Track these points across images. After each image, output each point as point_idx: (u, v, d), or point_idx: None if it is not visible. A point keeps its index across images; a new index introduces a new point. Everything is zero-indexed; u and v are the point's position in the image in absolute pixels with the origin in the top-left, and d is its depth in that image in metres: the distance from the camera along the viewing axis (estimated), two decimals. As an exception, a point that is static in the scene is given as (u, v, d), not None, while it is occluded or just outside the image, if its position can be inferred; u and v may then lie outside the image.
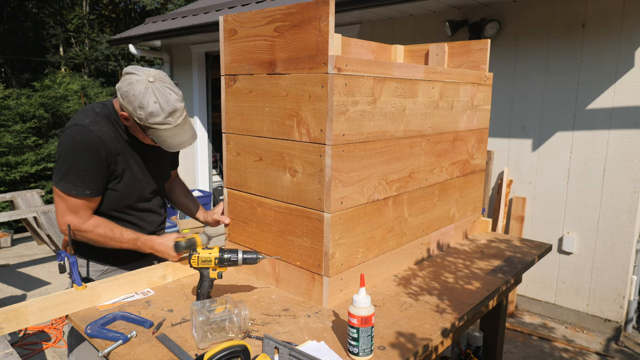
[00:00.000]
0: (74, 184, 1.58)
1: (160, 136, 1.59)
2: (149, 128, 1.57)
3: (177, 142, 1.62)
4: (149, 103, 1.53)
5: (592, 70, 3.49)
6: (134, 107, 1.54)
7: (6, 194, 5.25)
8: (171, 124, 1.57)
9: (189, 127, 1.64)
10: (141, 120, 1.56)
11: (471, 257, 2.06)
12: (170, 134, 1.59)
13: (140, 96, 1.53)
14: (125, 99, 1.55)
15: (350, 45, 2.16)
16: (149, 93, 1.53)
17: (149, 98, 1.53)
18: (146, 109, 1.53)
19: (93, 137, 1.58)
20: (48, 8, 19.30)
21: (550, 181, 3.78)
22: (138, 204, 1.78)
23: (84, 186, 1.60)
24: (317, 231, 1.51)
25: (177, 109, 1.57)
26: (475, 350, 2.34)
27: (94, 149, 1.58)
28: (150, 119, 1.55)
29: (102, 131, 1.61)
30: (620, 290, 3.52)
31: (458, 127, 2.12)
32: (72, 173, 1.58)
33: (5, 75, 17.49)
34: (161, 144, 1.62)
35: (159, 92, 1.55)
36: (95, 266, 1.78)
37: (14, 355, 1.41)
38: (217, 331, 1.29)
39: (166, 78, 1.61)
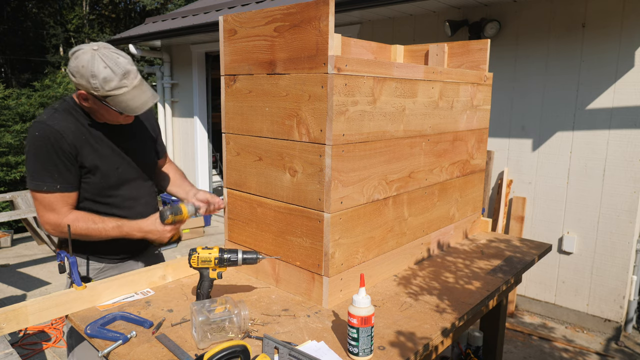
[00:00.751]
0: (43, 180, 1.59)
1: (121, 102, 1.57)
2: (107, 97, 1.55)
3: (140, 103, 1.60)
4: (99, 69, 1.51)
5: (592, 70, 3.49)
6: (87, 79, 1.52)
7: (6, 194, 5.25)
8: (128, 87, 1.56)
9: (147, 88, 1.63)
10: (97, 90, 1.54)
11: (471, 257, 2.06)
12: (130, 96, 1.58)
13: (89, 65, 1.51)
14: (77, 74, 1.54)
15: (350, 45, 2.16)
16: (97, 60, 1.52)
17: (98, 64, 1.52)
18: (99, 76, 1.52)
19: (51, 130, 1.58)
20: (48, 8, 19.30)
21: (550, 181, 3.78)
22: (122, 192, 1.75)
23: (53, 181, 1.59)
24: (317, 231, 1.51)
25: (129, 70, 1.56)
26: (475, 350, 2.34)
27: (54, 142, 1.58)
28: (105, 86, 1.53)
29: (61, 125, 1.61)
30: (620, 290, 3.52)
31: (458, 127, 2.12)
32: (39, 170, 1.59)
33: (5, 75, 17.49)
34: (125, 109, 1.59)
35: (107, 57, 1.54)
36: (93, 264, 1.78)
37: (14, 355, 1.41)
38: (217, 331, 1.29)
39: (111, 46, 1.60)
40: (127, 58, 1.59)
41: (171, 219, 1.68)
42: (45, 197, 1.61)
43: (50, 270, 4.89)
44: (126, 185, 1.76)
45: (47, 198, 1.61)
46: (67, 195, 1.64)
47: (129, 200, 1.77)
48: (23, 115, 7.12)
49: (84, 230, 1.64)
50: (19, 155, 6.76)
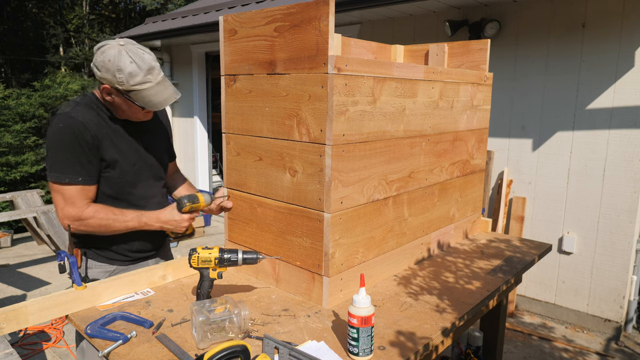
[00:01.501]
0: (64, 172, 1.59)
1: (144, 97, 1.60)
2: (131, 91, 1.58)
3: (163, 99, 1.64)
4: (125, 64, 1.55)
5: (592, 70, 3.49)
6: (113, 73, 1.55)
7: (6, 194, 5.25)
8: (152, 82, 1.59)
9: (169, 84, 1.66)
10: (122, 84, 1.56)
11: (471, 257, 2.06)
12: (154, 92, 1.61)
13: (115, 60, 1.54)
14: (103, 68, 1.56)
15: (350, 45, 2.16)
16: (123, 55, 1.55)
17: (125, 59, 1.55)
18: (124, 70, 1.55)
19: (75, 122, 1.60)
20: (48, 8, 19.29)
21: (550, 181, 3.78)
22: (137, 190, 1.77)
23: (75, 173, 1.60)
24: (317, 231, 1.51)
25: (153, 66, 1.60)
26: (475, 350, 2.34)
27: (78, 133, 1.60)
28: (130, 80, 1.56)
29: (85, 117, 1.63)
30: (620, 290, 3.52)
31: (458, 127, 2.12)
32: (61, 161, 1.59)
33: (5, 75, 17.49)
34: (147, 104, 1.62)
35: (133, 53, 1.57)
36: (104, 267, 1.77)
37: (14, 355, 1.41)
38: (217, 331, 1.29)
39: (136, 42, 1.63)
40: (152, 54, 1.62)
41: (189, 207, 1.70)
42: (66, 190, 1.60)
43: (50, 270, 4.89)
44: (141, 184, 1.78)
45: (68, 191, 1.60)
46: (88, 189, 1.64)
47: (142, 199, 1.79)
48: (23, 115, 7.12)
49: (104, 221, 1.64)
50: (18, 155, 6.76)
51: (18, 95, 7.53)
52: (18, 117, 7.05)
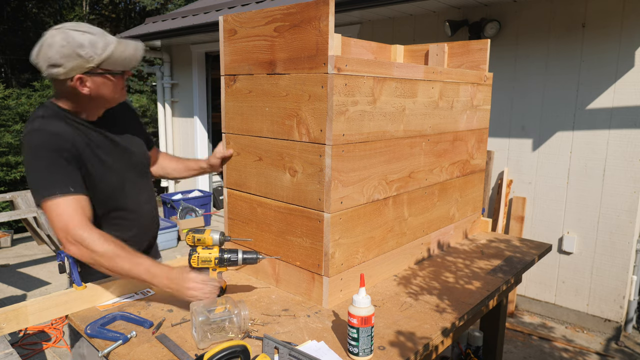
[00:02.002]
0: (52, 185, 1.43)
1: (117, 58, 1.48)
2: (104, 61, 1.46)
3: (132, 49, 1.53)
4: (80, 39, 1.42)
5: (592, 70, 3.49)
6: (76, 54, 1.41)
7: (6, 194, 5.25)
8: (112, 42, 1.48)
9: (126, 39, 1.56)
10: (92, 59, 1.43)
11: (471, 257, 2.06)
12: (122, 47, 1.49)
13: (69, 42, 1.41)
14: (62, 59, 1.41)
15: (350, 45, 2.16)
16: (71, 33, 1.42)
17: (75, 35, 1.42)
18: (84, 45, 1.42)
19: (49, 134, 1.47)
20: (48, 8, 19.29)
21: (550, 181, 3.78)
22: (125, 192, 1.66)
23: (64, 184, 1.44)
24: (317, 231, 1.51)
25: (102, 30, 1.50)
26: (475, 350, 2.34)
27: (54, 145, 1.46)
28: (97, 50, 1.43)
29: (56, 128, 1.49)
30: (620, 290, 3.52)
31: (458, 127, 2.12)
32: (45, 177, 1.44)
33: (5, 75, 17.49)
34: (123, 63, 1.51)
35: (75, 26, 1.45)
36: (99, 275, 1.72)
37: (14, 355, 1.41)
38: (217, 331, 1.29)
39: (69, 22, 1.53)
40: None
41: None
42: (60, 204, 1.42)
43: (50, 270, 4.89)
44: (127, 184, 1.69)
45: (61, 205, 1.42)
46: (82, 199, 1.47)
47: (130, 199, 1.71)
48: (23, 115, 7.12)
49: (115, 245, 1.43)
50: (18, 155, 6.75)
51: (18, 95, 7.53)
52: (18, 117, 7.05)
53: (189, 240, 1.55)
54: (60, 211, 1.42)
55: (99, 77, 1.50)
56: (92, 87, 1.50)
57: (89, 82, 1.49)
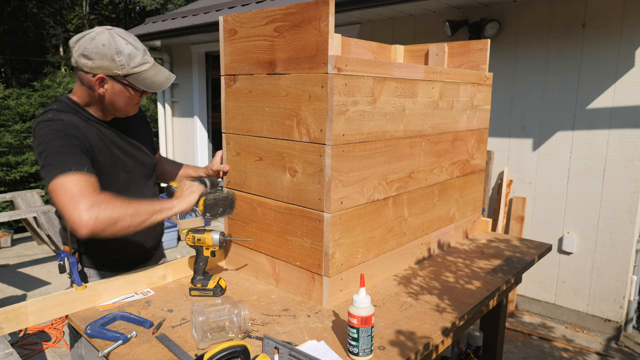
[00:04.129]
0: (67, 163, 1.40)
1: (146, 78, 1.54)
2: (131, 75, 1.51)
3: (164, 78, 1.58)
4: (122, 46, 1.47)
5: (592, 70, 3.49)
6: (111, 57, 1.46)
7: (6, 194, 5.26)
8: (149, 62, 1.54)
9: (162, 67, 1.62)
10: (123, 68, 1.48)
11: (471, 257, 2.06)
12: (154, 72, 1.55)
13: (111, 43, 1.46)
14: (97, 55, 1.45)
15: (350, 45, 2.16)
16: (117, 38, 1.48)
17: (120, 42, 1.48)
18: (124, 52, 1.47)
19: (62, 123, 1.48)
20: (48, 8, 19.29)
21: (550, 181, 3.78)
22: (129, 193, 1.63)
23: (79, 163, 1.42)
24: (317, 231, 1.51)
25: (145, 48, 1.56)
26: (475, 350, 2.34)
27: (67, 132, 1.47)
28: (131, 62, 1.49)
29: (68, 118, 1.52)
30: (620, 290, 3.52)
31: (458, 127, 2.12)
32: (60, 156, 1.42)
33: (5, 75, 17.48)
34: (150, 86, 1.55)
35: (125, 35, 1.51)
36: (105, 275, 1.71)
37: (14, 355, 1.41)
38: (217, 331, 1.29)
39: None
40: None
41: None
42: (74, 181, 1.37)
43: (50, 270, 4.89)
44: (133, 185, 1.70)
45: (76, 181, 1.37)
46: (95, 181, 1.44)
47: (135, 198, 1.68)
48: (23, 115, 7.12)
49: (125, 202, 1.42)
50: (18, 155, 6.76)
51: (18, 95, 7.53)
52: (18, 117, 7.05)
53: (189, 241, 1.62)
54: (73, 185, 1.37)
55: (120, 86, 1.54)
56: (109, 90, 1.54)
57: (107, 85, 1.52)
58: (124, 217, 1.40)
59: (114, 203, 1.40)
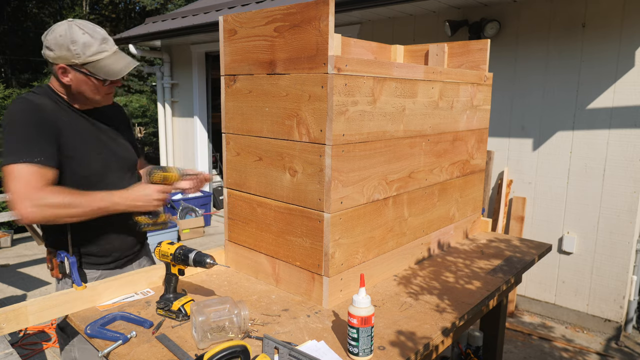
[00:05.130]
0: (20, 151, 1.45)
1: (103, 66, 1.57)
2: (89, 63, 1.55)
3: (122, 66, 1.60)
4: (78, 36, 1.52)
5: (592, 70, 3.49)
6: (67, 47, 1.51)
7: (6, 194, 5.24)
8: (108, 51, 1.57)
9: (125, 55, 1.64)
10: (78, 56, 1.53)
11: (471, 257, 2.06)
12: (111, 60, 1.58)
13: (67, 34, 1.52)
14: (55, 45, 1.52)
15: (350, 45, 2.16)
16: (74, 28, 1.53)
17: (76, 32, 1.53)
18: (78, 42, 1.52)
19: (31, 104, 1.54)
20: (48, 8, 19.29)
21: (550, 181, 3.78)
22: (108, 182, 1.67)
23: (32, 154, 1.46)
24: (317, 231, 1.51)
25: (106, 37, 1.58)
26: (475, 350, 2.34)
27: (34, 114, 1.52)
28: (86, 51, 1.53)
29: (42, 101, 1.57)
30: (620, 290, 3.52)
31: (458, 127, 2.12)
32: (17, 143, 1.47)
33: (5, 75, 17.48)
34: (108, 73, 1.58)
35: (83, 26, 1.55)
36: (90, 274, 1.71)
37: (14, 355, 1.41)
38: (217, 331, 1.29)
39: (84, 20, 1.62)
40: (104, 30, 1.61)
41: (159, 176, 1.65)
42: (21, 170, 1.44)
43: (50, 270, 4.88)
44: (111, 174, 1.69)
45: (23, 171, 1.44)
46: (47, 172, 1.49)
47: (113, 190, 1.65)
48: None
49: (67, 198, 1.47)
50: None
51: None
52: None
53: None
54: (21, 176, 1.44)
55: (81, 75, 1.58)
56: (72, 80, 1.59)
57: (70, 74, 1.58)
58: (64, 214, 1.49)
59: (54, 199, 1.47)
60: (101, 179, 1.65)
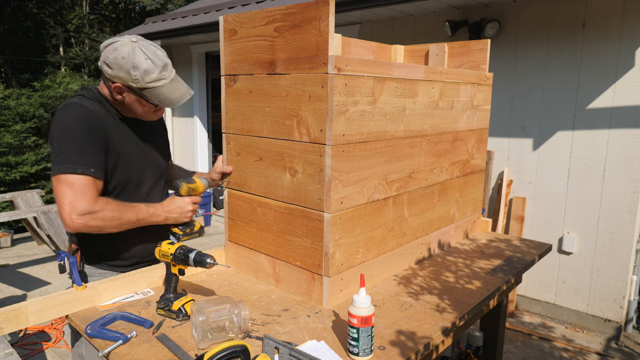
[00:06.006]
0: (76, 162, 1.48)
1: (160, 94, 1.58)
2: (146, 89, 1.56)
3: (179, 95, 1.62)
4: (140, 61, 1.53)
5: (592, 70, 3.49)
6: (127, 70, 1.52)
7: (6, 194, 5.26)
8: (167, 79, 1.58)
9: (182, 81, 1.66)
10: (137, 82, 1.54)
11: (471, 257, 2.06)
12: (169, 88, 1.59)
13: (129, 57, 1.52)
14: (115, 65, 1.53)
15: (350, 45, 2.16)
16: (137, 52, 1.53)
17: (139, 56, 1.53)
18: (140, 68, 1.53)
19: (85, 110, 1.56)
20: (48, 8, 19.29)
21: (550, 181, 3.78)
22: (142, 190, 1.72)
23: (88, 163, 1.50)
24: (317, 231, 1.51)
25: (167, 63, 1.59)
26: (475, 350, 2.34)
27: (88, 121, 1.54)
28: (146, 78, 1.54)
29: (93, 106, 1.59)
30: (620, 290, 3.52)
31: (458, 127, 2.12)
32: (72, 151, 1.50)
33: (5, 75, 17.48)
34: (163, 102, 1.61)
35: (147, 49, 1.55)
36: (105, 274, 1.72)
37: (14, 355, 1.41)
38: (217, 331, 1.29)
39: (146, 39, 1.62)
40: (163, 51, 1.61)
41: (185, 187, 1.66)
42: (77, 181, 1.46)
43: (50, 270, 4.89)
44: (145, 183, 1.74)
45: (79, 182, 1.47)
46: (98, 183, 1.54)
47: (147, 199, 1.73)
48: (23, 115, 7.12)
49: (116, 212, 1.53)
50: (18, 155, 6.76)
51: (18, 95, 7.53)
52: (18, 117, 7.06)
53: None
54: (77, 187, 1.47)
55: (135, 96, 1.60)
56: (126, 99, 1.62)
57: (125, 94, 1.60)
58: (110, 226, 1.55)
59: (105, 212, 1.51)
60: (137, 184, 1.69)
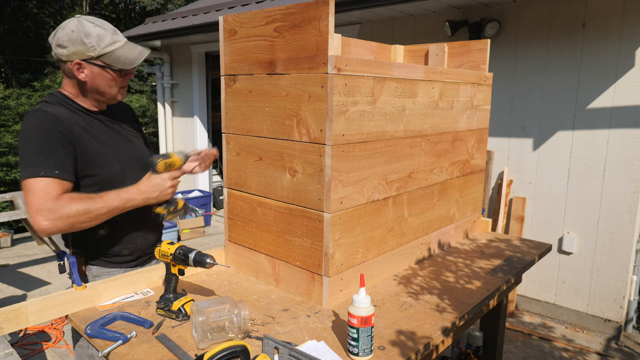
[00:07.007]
0: (40, 165, 1.46)
1: (119, 57, 1.59)
2: (104, 55, 1.57)
3: (137, 53, 1.64)
4: (90, 29, 1.54)
5: (592, 70, 3.49)
6: (81, 41, 1.53)
7: (6, 194, 5.25)
8: (121, 41, 1.60)
9: (136, 44, 1.67)
10: (94, 49, 1.55)
11: (471, 257, 2.06)
12: (126, 49, 1.61)
13: (79, 29, 1.53)
14: (68, 42, 1.53)
15: (350, 45, 2.16)
16: (85, 23, 1.55)
17: (88, 26, 1.55)
18: (92, 35, 1.54)
19: (48, 115, 1.53)
20: (48, 8, 19.29)
21: (550, 181, 3.78)
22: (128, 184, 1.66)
23: (51, 166, 1.47)
24: (317, 231, 1.51)
25: (115, 29, 1.61)
26: (475, 350, 2.34)
27: (51, 126, 1.52)
28: (101, 43, 1.55)
29: (57, 110, 1.56)
30: (620, 290, 3.52)
31: (458, 127, 2.12)
32: (35, 155, 1.47)
33: (5, 75, 17.48)
34: (124, 63, 1.61)
35: (92, 20, 1.58)
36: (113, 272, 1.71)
37: (14, 355, 1.41)
38: (217, 331, 1.29)
39: None
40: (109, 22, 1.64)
41: (162, 163, 1.61)
42: (40, 183, 1.44)
43: (50, 270, 4.89)
44: (130, 175, 1.69)
45: (42, 184, 1.44)
46: (65, 184, 1.50)
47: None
48: (23, 115, 7.12)
49: (82, 205, 1.47)
50: (18, 155, 6.76)
51: (18, 95, 7.55)
52: (18, 117, 7.07)
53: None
54: (39, 189, 1.44)
55: (97, 68, 1.59)
56: (88, 74, 1.60)
57: (86, 69, 1.59)
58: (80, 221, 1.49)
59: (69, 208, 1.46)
60: (122, 181, 1.65)
